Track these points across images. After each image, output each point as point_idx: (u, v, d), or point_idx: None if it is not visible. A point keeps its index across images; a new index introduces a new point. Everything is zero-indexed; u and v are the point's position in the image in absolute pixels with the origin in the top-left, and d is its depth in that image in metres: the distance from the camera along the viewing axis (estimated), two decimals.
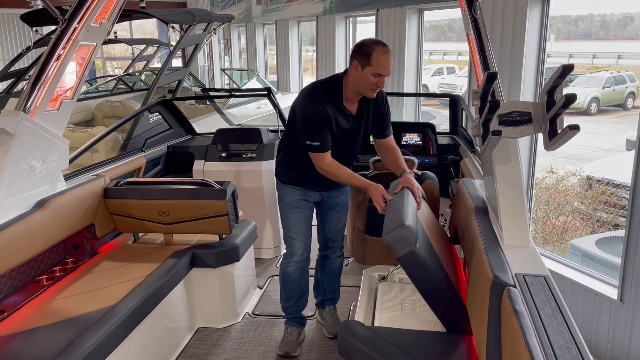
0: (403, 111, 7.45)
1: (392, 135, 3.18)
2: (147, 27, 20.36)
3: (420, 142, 4.69)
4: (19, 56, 7.30)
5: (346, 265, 4.37)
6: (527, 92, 5.12)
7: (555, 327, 1.71)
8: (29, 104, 2.87)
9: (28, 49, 6.98)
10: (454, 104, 4.84)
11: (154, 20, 12.36)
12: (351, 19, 9.92)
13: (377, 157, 3.75)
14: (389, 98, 3.22)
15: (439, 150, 4.62)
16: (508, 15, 5.26)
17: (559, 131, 1.95)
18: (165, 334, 3.13)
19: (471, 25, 2.84)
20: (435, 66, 16.56)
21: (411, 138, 4.74)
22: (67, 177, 3.41)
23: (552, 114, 1.96)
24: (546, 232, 7.27)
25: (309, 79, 12.59)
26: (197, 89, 9.41)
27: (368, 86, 2.78)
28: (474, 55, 2.94)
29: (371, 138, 3.26)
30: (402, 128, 4.82)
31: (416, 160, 3.61)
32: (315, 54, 10.73)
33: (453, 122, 4.91)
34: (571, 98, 1.83)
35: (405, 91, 7.45)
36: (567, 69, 1.86)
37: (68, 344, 2.33)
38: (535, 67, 5.12)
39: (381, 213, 2.77)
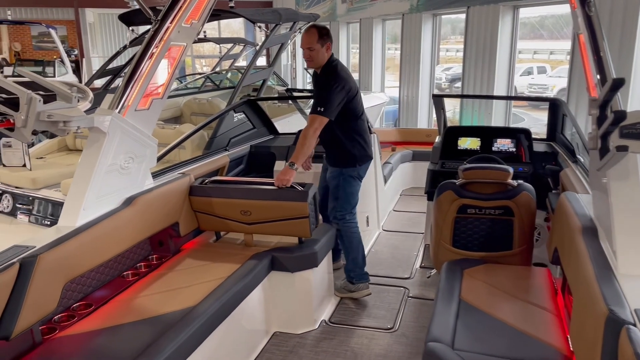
0: (492, 114, 7.06)
1: (310, 117, 3.51)
2: (233, 26, 20.95)
3: (514, 149, 4.39)
4: (116, 54, 7.66)
5: (428, 277, 4.17)
6: (636, 99, 4.66)
7: None
8: (121, 103, 2.94)
9: (124, 47, 7.32)
10: (554, 108, 4.48)
11: (241, 19, 12.63)
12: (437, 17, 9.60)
13: (467, 165, 3.52)
14: (478, 101, 3.03)
15: (534, 158, 4.29)
16: (617, 13, 4.82)
17: None
18: (243, 336, 3.11)
19: (584, 24, 2.57)
20: (523, 65, 15.68)
21: (503, 144, 4.44)
22: (155, 175, 3.48)
23: None
24: None
25: (390, 78, 12.34)
26: (281, 88, 9.47)
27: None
28: (585, 57, 2.67)
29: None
30: (494, 133, 4.53)
31: (511, 170, 3.34)
32: (398, 52, 10.48)
33: (552, 127, 4.54)
34: None
35: (495, 93, 7.06)
36: None
37: (150, 343, 2.34)
38: None
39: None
